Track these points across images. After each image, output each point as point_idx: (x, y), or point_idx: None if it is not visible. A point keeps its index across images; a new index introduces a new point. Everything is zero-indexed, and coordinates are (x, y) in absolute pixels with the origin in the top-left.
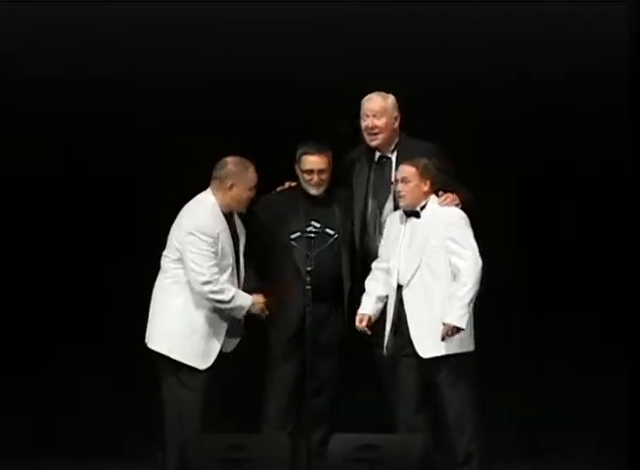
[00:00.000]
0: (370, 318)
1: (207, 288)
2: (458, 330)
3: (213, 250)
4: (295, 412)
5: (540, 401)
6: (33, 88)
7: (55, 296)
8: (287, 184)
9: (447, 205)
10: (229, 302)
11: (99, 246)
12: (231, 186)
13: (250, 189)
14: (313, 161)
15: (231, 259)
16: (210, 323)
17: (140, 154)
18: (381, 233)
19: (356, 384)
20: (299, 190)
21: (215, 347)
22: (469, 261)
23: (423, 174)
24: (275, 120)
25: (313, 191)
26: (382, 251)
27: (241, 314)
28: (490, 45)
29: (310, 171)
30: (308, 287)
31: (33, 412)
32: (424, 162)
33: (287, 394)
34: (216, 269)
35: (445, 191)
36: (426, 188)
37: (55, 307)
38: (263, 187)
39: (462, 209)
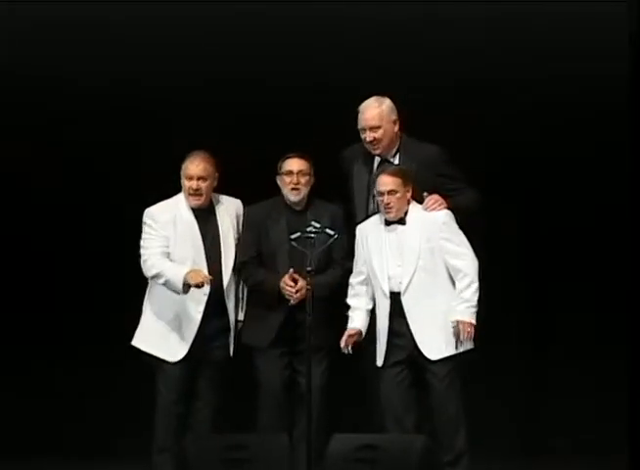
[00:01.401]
0: (361, 334)
1: (143, 267)
2: (472, 327)
3: (156, 233)
4: (287, 415)
5: (540, 401)
6: (33, 88)
7: (54, 295)
8: None
9: (433, 209)
10: (158, 276)
11: (100, 246)
12: (181, 179)
13: (188, 178)
14: (292, 162)
15: (189, 254)
16: (177, 316)
17: (139, 154)
18: None
19: (355, 384)
20: (282, 202)
21: (183, 342)
22: (467, 260)
23: (406, 183)
24: (275, 121)
25: (292, 197)
26: (358, 263)
27: (178, 287)
28: (490, 45)
29: (290, 173)
30: (308, 287)
31: (33, 412)
32: (403, 170)
33: (275, 398)
34: (156, 251)
35: (441, 194)
36: (409, 195)
37: (54, 307)
38: (263, 191)
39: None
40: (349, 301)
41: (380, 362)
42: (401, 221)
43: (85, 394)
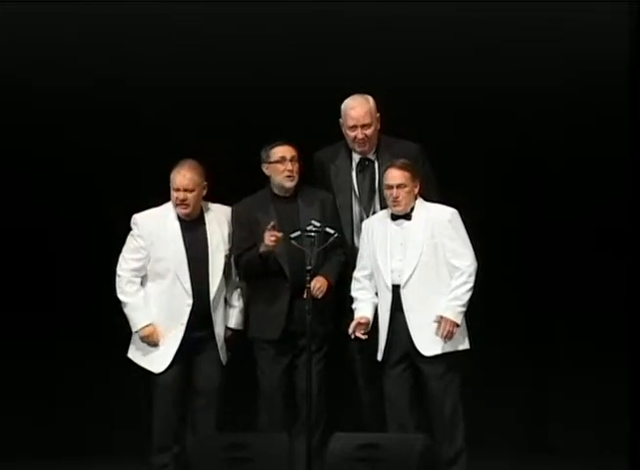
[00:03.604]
0: (369, 323)
1: (117, 280)
2: (456, 326)
3: (136, 245)
4: (284, 415)
5: (541, 401)
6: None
7: (53, 294)
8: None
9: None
10: (122, 305)
11: (98, 246)
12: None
13: (175, 189)
14: (284, 149)
15: (171, 266)
16: (159, 327)
17: (139, 155)
18: None
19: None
20: (270, 193)
21: (167, 354)
22: (467, 260)
23: (414, 178)
24: (273, 122)
25: (288, 183)
26: (362, 258)
27: (134, 329)
28: (490, 45)
29: (283, 159)
30: (308, 286)
31: (33, 412)
32: (411, 164)
33: (275, 397)
34: (132, 265)
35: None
36: (416, 190)
37: (51, 306)
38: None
39: None
40: (355, 294)
41: (379, 357)
42: (407, 217)
43: (85, 394)
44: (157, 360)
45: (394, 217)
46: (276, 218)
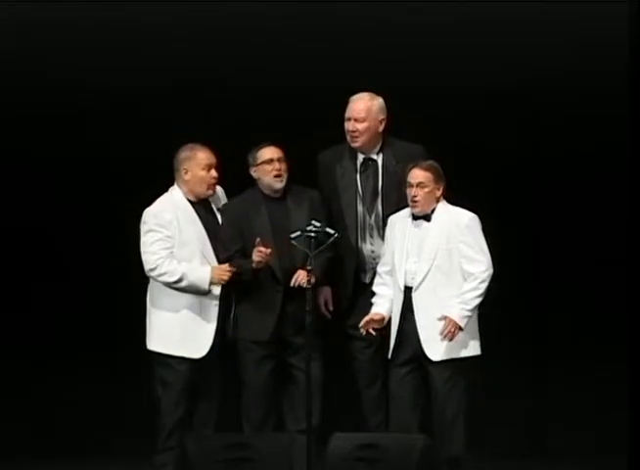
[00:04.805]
0: (384, 320)
1: (154, 274)
2: (460, 329)
3: (161, 235)
4: (273, 414)
5: (541, 401)
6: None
7: (54, 294)
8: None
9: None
10: (179, 281)
11: (95, 247)
12: (186, 172)
13: (203, 168)
14: (271, 150)
15: (197, 248)
16: (193, 312)
17: (142, 155)
18: (372, 236)
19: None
20: (259, 193)
21: (205, 337)
22: (482, 267)
23: (437, 180)
24: (273, 122)
25: (277, 184)
26: (385, 253)
27: (205, 288)
28: (490, 44)
29: (270, 161)
30: (308, 286)
31: (33, 412)
32: (437, 166)
33: (260, 398)
34: (162, 254)
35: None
36: (439, 193)
37: (50, 307)
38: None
39: None
40: (375, 288)
41: (390, 356)
42: (427, 218)
43: (85, 394)
44: (195, 345)
45: (415, 218)
46: (268, 219)
